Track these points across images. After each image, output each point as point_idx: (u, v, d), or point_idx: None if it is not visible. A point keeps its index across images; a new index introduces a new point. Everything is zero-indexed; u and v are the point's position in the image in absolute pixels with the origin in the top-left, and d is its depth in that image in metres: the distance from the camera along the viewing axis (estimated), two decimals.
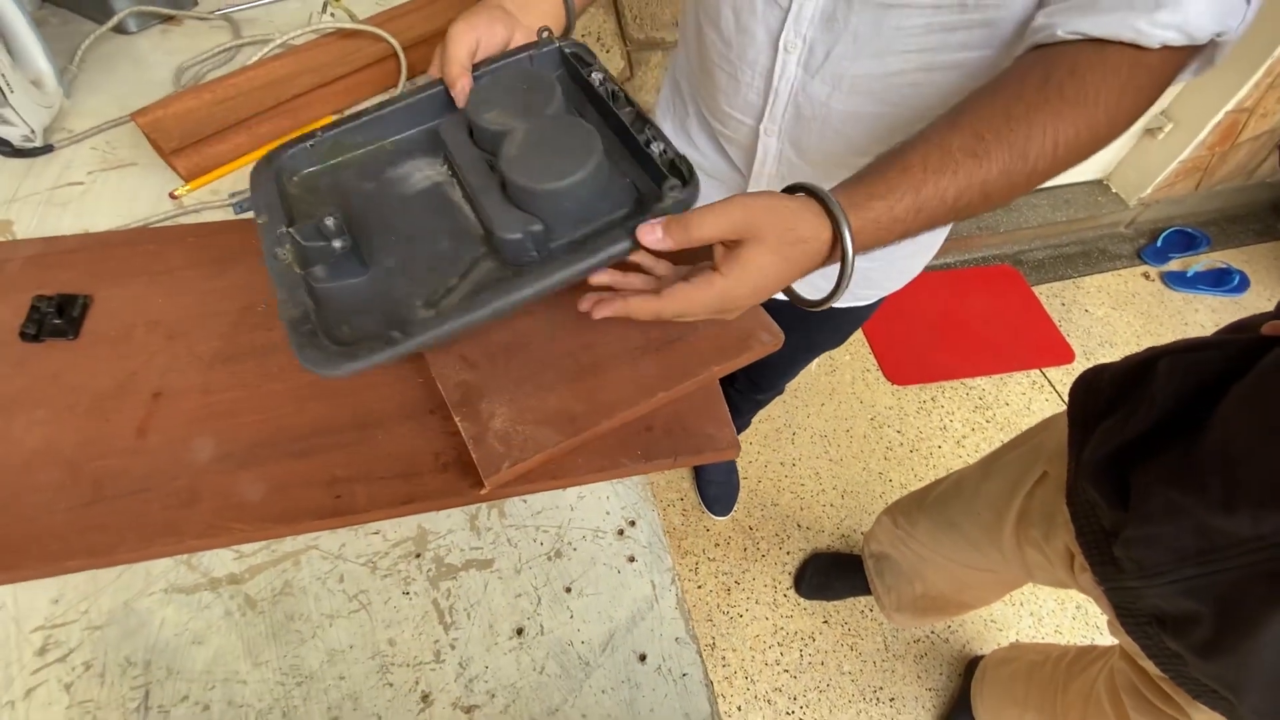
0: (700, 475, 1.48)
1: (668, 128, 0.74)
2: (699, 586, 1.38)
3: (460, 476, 0.43)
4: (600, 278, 0.42)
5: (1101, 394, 0.60)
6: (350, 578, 0.42)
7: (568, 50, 0.51)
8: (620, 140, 0.47)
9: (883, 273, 0.77)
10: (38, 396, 0.46)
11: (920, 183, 0.37)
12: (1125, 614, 0.56)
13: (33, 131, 0.64)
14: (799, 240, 0.37)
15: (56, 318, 0.49)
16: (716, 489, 1.46)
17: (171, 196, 0.62)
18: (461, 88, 0.48)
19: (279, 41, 0.69)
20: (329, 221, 0.39)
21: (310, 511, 0.42)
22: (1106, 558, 0.56)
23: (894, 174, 0.38)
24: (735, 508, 1.46)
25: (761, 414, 1.57)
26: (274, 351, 0.49)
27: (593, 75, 0.48)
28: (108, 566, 0.42)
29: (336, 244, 0.40)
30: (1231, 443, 0.44)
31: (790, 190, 0.39)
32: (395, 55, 0.71)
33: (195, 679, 0.38)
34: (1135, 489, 0.52)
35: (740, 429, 1.44)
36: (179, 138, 0.60)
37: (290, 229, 0.40)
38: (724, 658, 1.30)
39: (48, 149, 0.65)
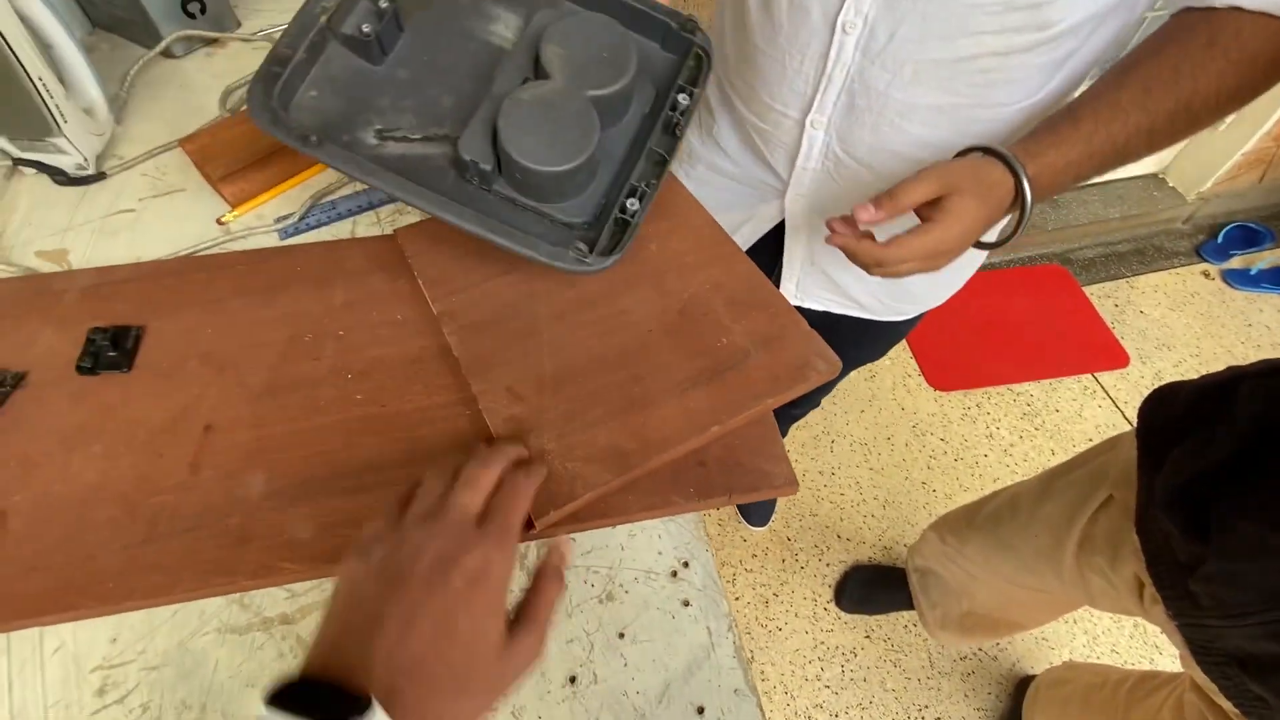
0: None
1: (693, 137, 0.71)
2: (736, 598, 1.36)
3: None
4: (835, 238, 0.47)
5: (1175, 416, 0.56)
6: None
7: (697, 49, 0.47)
8: (628, 152, 0.45)
9: (924, 287, 0.74)
10: (94, 431, 0.46)
11: (1091, 134, 0.43)
12: (1203, 652, 0.53)
13: (86, 160, 0.65)
14: (993, 185, 0.43)
15: (111, 350, 0.50)
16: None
17: (219, 223, 0.62)
18: None
19: None
20: None
21: None
22: (1182, 592, 0.53)
23: (1065, 127, 0.43)
24: (773, 518, 1.44)
25: (799, 422, 1.54)
26: (320, 385, 0.48)
27: (680, 96, 0.46)
28: (163, 605, 0.42)
29: (384, 3, 0.41)
30: None
31: (963, 154, 0.47)
32: None
33: None
34: (1216, 521, 0.49)
35: None
36: (225, 165, 0.61)
37: None
38: (763, 672, 1.28)
39: (100, 176, 0.66)
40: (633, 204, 0.41)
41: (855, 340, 0.84)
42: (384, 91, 0.44)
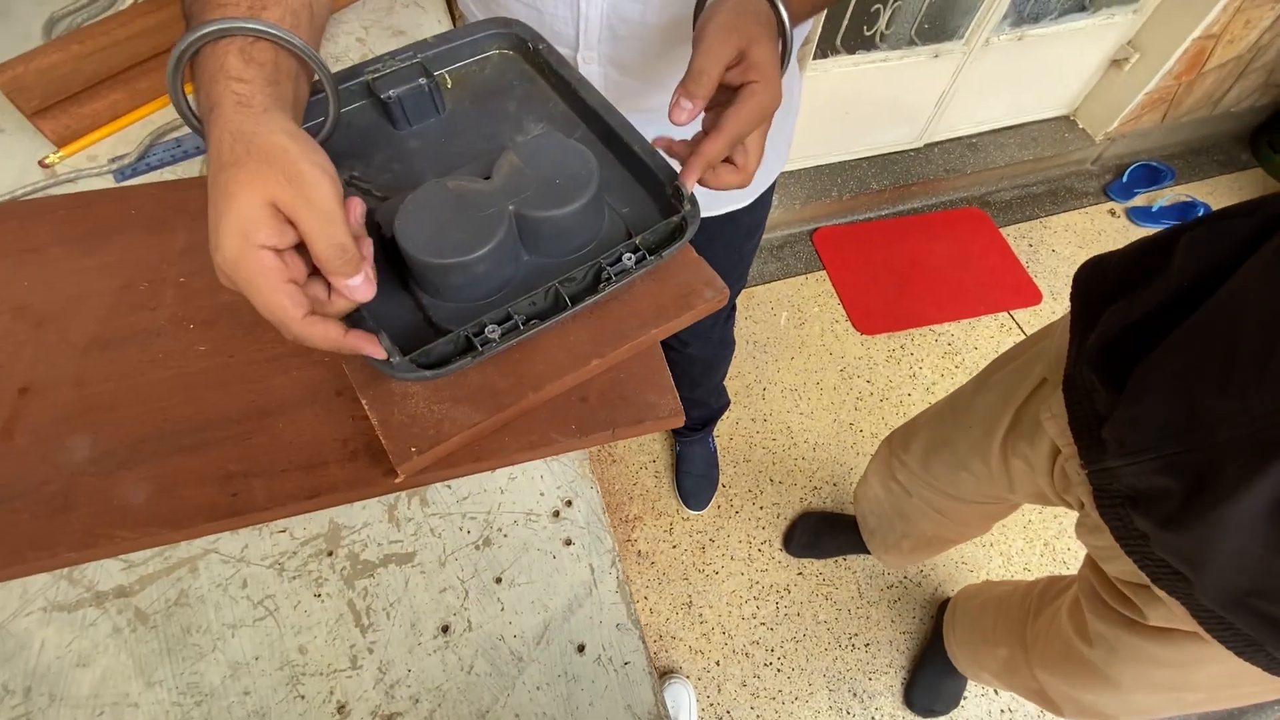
0: (680, 465, 1.42)
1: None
2: (674, 546, 1.37)
3: (371, 465, 0.39)
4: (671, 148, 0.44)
5: (1108, 277, 0.57)
6: (254, 582, 0.38)
7: (678, 220, 0.43)
8: (532, 281, 0.41)
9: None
10: None
11: None
12: (1102, 495, 0.55)
13: None
14: (768, 20, 0.41)
15: None
16: (694, 481, 1.40)
17: (42, 165, 0.54)
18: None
19: None
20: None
21: (203, 513, 0.37)
22: (1095, 441, 0.54)
23: None
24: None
25: (731, 371, 1.54)
26: (158, 335, 0.43)
27: (626, 255, 0.41)
28: None
29: (422, 80, 0.44)
30: (1238, 316, 0.42)
31: None
32: None
33: (81, 704, 0.35)
34: (1136, 371, 0.50)
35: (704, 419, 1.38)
36: (41, 97, 0.53)
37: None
38: (701, 614, 1.30)
39: None
40: (492, 331, 0.37)
41: (725, 245, 0.81)
42: (384, 150, 0.46)
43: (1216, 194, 2.01)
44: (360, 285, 0.33)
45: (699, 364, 1.12)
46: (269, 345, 0.43)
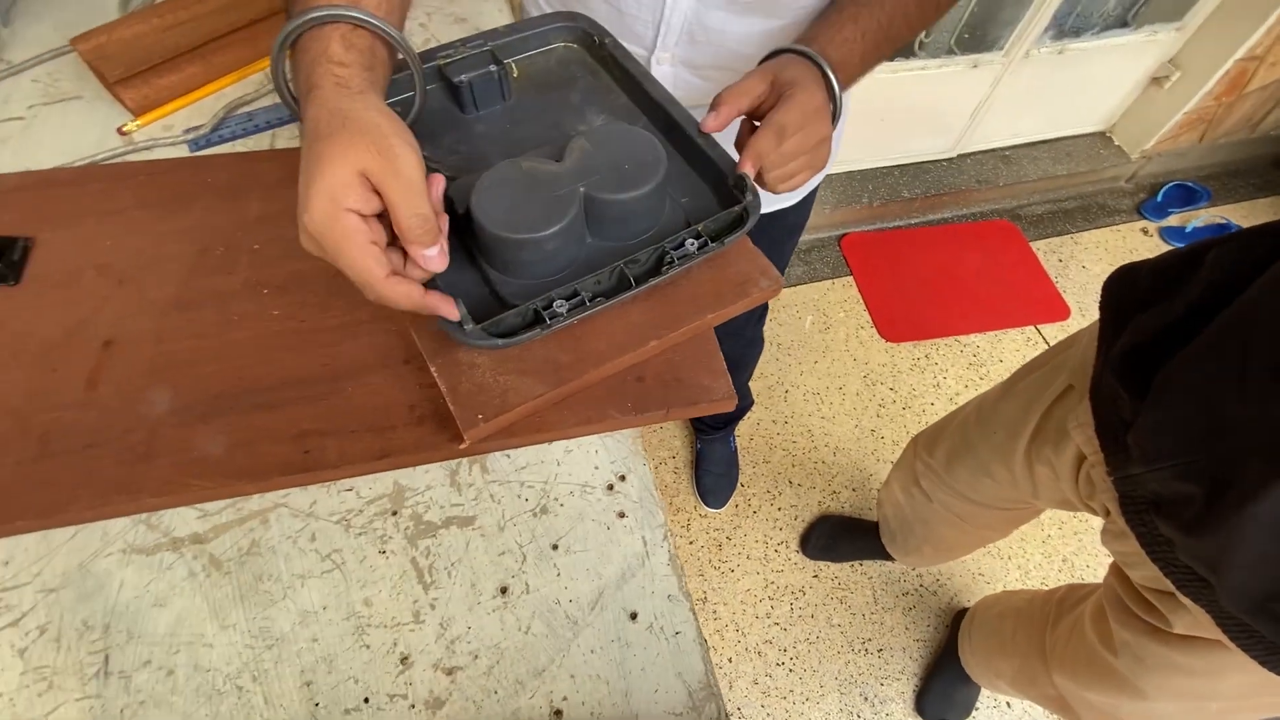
0: (700, 463, 1.43)
1: None
2: (690, 542, 1.38)
3: (437, 430, 0.40)
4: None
5: (1139, 286, 0.57)
6: (322, 536, 0.40)
7: (739, 210, 0.44)
8: (598, 262, 0.43)
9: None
10: None
11: (854, 16, 0.49)
12: (1127, 501, 0.55)
13: None
14: (806, 68, 0.45)
15: None
16: (713, 479, 1.41)
17: (120, 132, 0.57)
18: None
19: None
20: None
21: (277, 467, 0.39)
22: (1120, 447, 0.55)
23: (831, 14, 0.50)
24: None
25: (755, 372, 1.54)
26: (234, 298, 0.45)
27: (689, 241, 0.42)
28: (59, 526, 0.39)
29: (492, 67, 0.46)
30: (1255, 324, 0.42)
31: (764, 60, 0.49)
32: None
33: (158, 643, 0.36)
34: (1158, 378, 0.50)
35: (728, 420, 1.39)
36: (125, 66, 0.55)
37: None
38: (715, 611, 1.31)
39: None
40: (560, 306, 0.38)
41: (769, 241, 0.83)
42: (452, 132, 0.48)
43: (1252, 217, 1.98)
44: (435, 256, 0.34)
45: (728, 361, 1.13)
46: (340, 312, 0.45)
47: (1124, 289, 0.58)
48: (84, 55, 0.56)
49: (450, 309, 0.36)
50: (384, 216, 0.34)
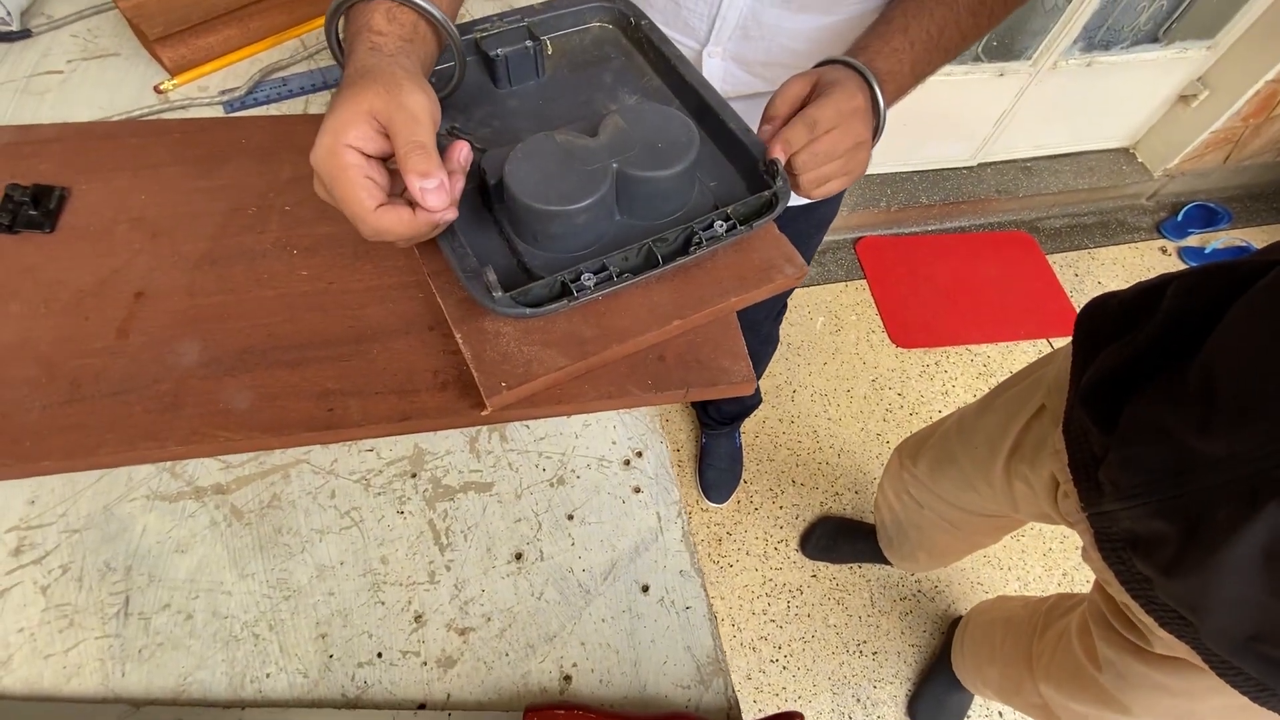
0: (704, 457, 1.44)
1: None
2: (690, 535, 1.38)
3: (460, 396, 0.41)
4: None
5: (1109, 318, 0.57)
6: (342, 494, 0.40)
7: (769, 196, 0.44)
8: (630, 238, 0.43)
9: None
10: (11, 289, 0.43)
11: (904, 27, 0.48)
12: (1103, 539, 0.55)
13: (9, 14, 0.59)
14: (849, 76, 0.45)
15: (32, 208, 0.46)
16: (717, 474, 1.41)
17: (156, 90, 0.57)
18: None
19: None
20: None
21: (300, 423, 0.39)
22: (1092, 483, 0.55)
23: (880, 25, 0.50)
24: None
25: (764, 371, 1.55)
26: (264, 257, 0.46)
27: (718, 223, 0.42)
28: (86, 469, 0.40)
29: (529, 43, 0.47)
30: (1217, 360, 0.42)
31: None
32: None
33: (178, 587, 0.37)
34: (1125, 413, 0.50)
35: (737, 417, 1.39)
36: (164, 25, 0.56)
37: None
38: (712, 604, 1.31)
39: (25, 34, 0.61)
40: (588, 279, 0.38)
41: (796, 234, 0.83)
42: (485, 106, 0.48)
43: (1273, 241, 1.97)
44: (434, 189, 0.32)
45: None
46: (367, 276, 0.45)
47: (1096, 320, 0.58)
48: (125, 12, 0.56)
49: (445, 206, 0.33)
50: (393, 165, 0.34)
